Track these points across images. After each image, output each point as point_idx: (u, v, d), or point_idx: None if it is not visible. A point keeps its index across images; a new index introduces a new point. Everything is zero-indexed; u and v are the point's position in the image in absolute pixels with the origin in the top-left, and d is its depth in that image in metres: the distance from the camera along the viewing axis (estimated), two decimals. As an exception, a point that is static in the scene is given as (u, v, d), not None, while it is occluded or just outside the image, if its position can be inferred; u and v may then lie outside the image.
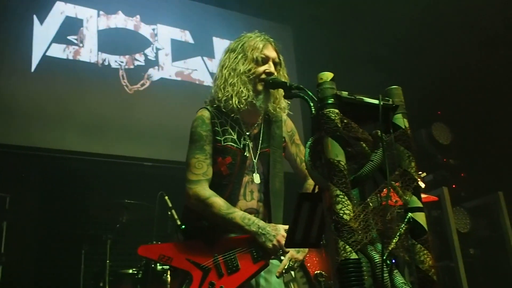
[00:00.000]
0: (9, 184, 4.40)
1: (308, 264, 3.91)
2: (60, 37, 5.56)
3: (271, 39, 2.48)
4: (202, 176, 2.31)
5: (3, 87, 5.05)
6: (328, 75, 1.53)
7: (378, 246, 1.49)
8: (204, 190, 2.29)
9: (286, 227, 2.21)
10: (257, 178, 2.40)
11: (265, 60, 2.39)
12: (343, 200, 1.38)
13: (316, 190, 1.67)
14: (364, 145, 1.57)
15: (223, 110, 2.39)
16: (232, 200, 2.33)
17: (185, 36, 6.34)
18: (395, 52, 6.15)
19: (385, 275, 1.40)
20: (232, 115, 2.38)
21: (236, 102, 2.32)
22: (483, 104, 5.66)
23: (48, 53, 5.43)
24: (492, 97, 5.64)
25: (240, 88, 2.34)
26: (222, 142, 2.37)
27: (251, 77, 2.36)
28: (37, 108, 5.14)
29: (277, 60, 2.43)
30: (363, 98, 1.58)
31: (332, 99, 1.49)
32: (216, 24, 6.46)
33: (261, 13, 6.42)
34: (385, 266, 1.40)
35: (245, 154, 2.40)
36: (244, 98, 2.33)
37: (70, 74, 5.48)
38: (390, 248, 1.44)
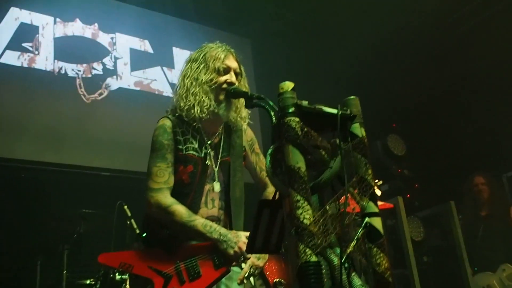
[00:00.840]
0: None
1: (267, 273, 3.92)
2: (15, 44, 5.41)
3: (232, 50, 2.53)
4: (164, 184, 2.33)
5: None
6: (289, 85, 1.58)
7: (336, 250, 1.55)
8: (166, 198, 2.31)
9: (247, 233, 2.25)
10: (217, 186, 2.44)
11: (227, 70, 2.43)
12: (304, 205, 1.43)
13: (277, 197, 1.73)
14: (323, 152, 1.63)
15: (185, 119, 2.41)
16: (193, 208, 2.35)
17: (145, 45, 6.31)
18: (352, 67, 6.32)
19: (343, 277, 1.45)
20: (194, 124, 2.41)
21: (198, 111, 2.35)
22: (436, 117, 5.89)
23: (1, 60, 5.28)
24: (444, 111, 5.87)
25: (202, 97, 2.37)
26: (184, 151, 2.39)
27: (213, 86, 2.39)
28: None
29: (238, 70, 2.48)
30: (322, 107, 1.64)
31: (293, 108, 1.54)
32: (176, 34, 6.46)
33: (221, 25, 6.49)
34: (343, 269, 1.45)
35: (206, 163, 2.42)
36: (206, 107, 2.36)
37: (25, 82, 5.34)
38: (348, 252, 1.49)
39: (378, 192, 2.41)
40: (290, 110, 1.53)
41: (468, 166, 5.52)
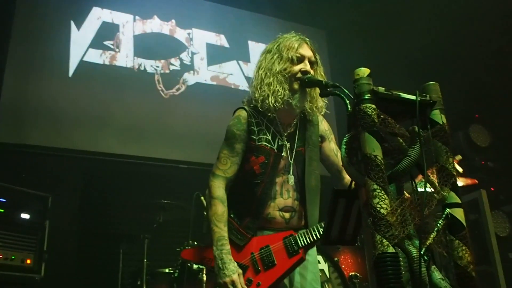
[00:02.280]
0: (51, 184, 4.54)
1: (343, 266, 3.90)
2: (97, 42, 5.67)
3: (307, 39, 2.49)
4: (223, 173, 2.39)
5: (42, 92, 5.19)
6: (364, 71, 1.54)
7: (415, 241, 1.48)
8: (218, 188, 2.37)
9: (241, 278, 2.21)
10: (291, 179, 2.42)
11: (301, 59, 2.40)
12: (380, 194, 1.38)
13: (352, 187, 1.70)
14: (401, 140, 1.57)
15: (260, 109, 2.42)
16: (264, 198, 2.37)
17: (221, 40, 6.40)
18: (430, 55, 6.06)
19: (422, 270, 1.39)
20: (269, 114, 2.41)
21: (273, 101, 2.35)
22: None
23: (85, 58, 5.55)
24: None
25: (276, 87, 2.36)
26: (257, 142, 2.40)
27: (286, 76, 2.37)
28: (76, 112, 5.26)
29: (313, 59, 2.44)
30: (400, 93, 1.59)
31: (369, 95, 1.50)
32: (251, 28, 6.52)
33: (296, 17, 6.44)
34: (422, 261, 1.39)
35: (282, 154, 2.42)
36: (280, 97, 2.34)
37: (107, 79, 5.60)
38: (427, 243, 1.43)
39: (460, 169, 2.26)
40: (366, 97, 1.49)
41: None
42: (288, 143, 2.45)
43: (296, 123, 2.50)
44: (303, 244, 2.32)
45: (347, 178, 2.54)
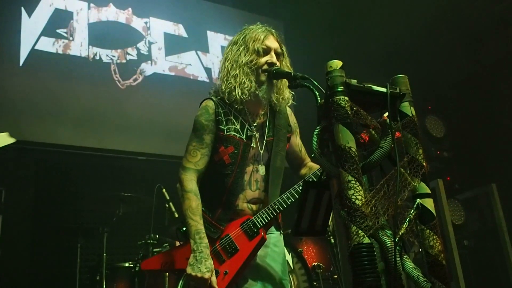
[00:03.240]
0: (4, 177, 4.38)
1: (306, 256, 3.93)
2: (49, 30, 5.45)
3: (273, 30, 2.49)
4: (194, 166, 2.36)
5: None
6: (337, 63, 1.54)
7: (387, 231, 1.50)
8: (190, 181, 2.34)
9: (213, 277, 2.20)
10: (262, 169, 2.43)
11: (267, 51, 2.39)
12: (355, 186, 1.39)
13: (323, 178, 1.70)
14: (373, 132, 1.59)
15: (227, 101, 2.40)
16: (235, 189, 2.37)
17: (179, 30, 6.29)
18: (386, 48, 6.18)
19: (397, 259, 1.41)
20: (237, 106, 2.39)
21: (239, 93, 2.34)
22: (475, 96, 5.72)
23: (37, 47, 5.33)
24: (484, 90, 5.70)
25: (243, 79, 2.35)
26: (225, 132, 2.39)
27: (253, 68, 2.36)
28: (28, 103, 5.07)
29: (279, 50, 2.44)
30: (372, 86, 1.60)
31: (342, 87, 1.50)
32: (210, 18, 6.43)
33: (255, 8, 6.41)
34: (397, 251, 1.41)
35: (251, 144, 2.41)
36: (247, 89, 2.34)
37: (60, 68, 5.39)
38: (400, 233, 1.45)
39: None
40: (339, 89, 1.50)
41: (511, 147, 5.36)
42: (257, 133, 2.45)
43: (264, 113, 2.50)
44: (261, 224, 2.33)
45: (303, 172, 2.61)
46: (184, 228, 2.44)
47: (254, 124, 2.45)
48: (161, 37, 6.15)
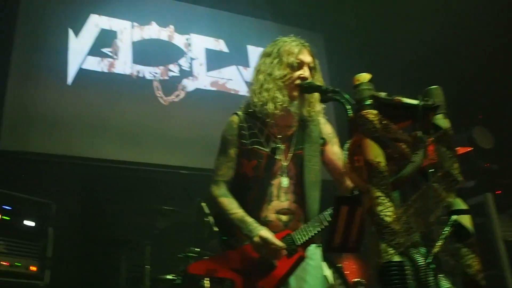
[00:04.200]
0: (53, 191, 4.52)
1: (347, 272, 3.86)
2: (95, 50, 5.63)
3: (306, 44, 2.48)
4: (220, 177, 2.43)
5: (42, 100, 5.16)
6: (365, 76, 1.51)
7: (421, 249, 1.45)
8: (218, 190, 2.40)
9: (268, 234, 2.25)
10: (284, 182, 2.40)
11: (300, 65, 2.39)
12: (384, 202, 1.35)
13: (355, 193, 1.67)
14: (404, 146, 1.54)
15: (258, 115, 2.41)
16: (258, 202, 2.37)
17: (219, 45, 6.36)
18: (430, 56, 6.02)
19: (430, 278, 1.35)
20: (267, 120, 2.40)
21: (272, 107, 2.34)
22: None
23: (83, 66, 5.50)
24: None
25: (276, 93, 2.35)
26: (248, 145, 2.41)
27: (286, 82, 2.36)
28: (76, 120, 5.23)
29: (312, 64, 2.42)
30: (402, 98, 1.56)
31: (370, 100, 1.47)
32: (249, 33, 6.48)
33: (294, 21, 6.42)
34: (429, 269, 1.36)
35: (276, 157, 2.41)
36: (279, 103, 2.34)
37: (106, 86, 5.55)
38: (434, 251, 1.40)
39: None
40: (367, 102, 1.47)
41: None
42: (283, 145, 2.44)
43: (295, 125, 2.49)
44: (300, 241, 2.29)
45: (348, 183, 2.51)
46: (225, 237, 2.48)
47: (280, 137, 2.45)
48: (203, 53, 6.23)
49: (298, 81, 2.35)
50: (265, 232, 2.23)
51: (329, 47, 6.69)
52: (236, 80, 6.27)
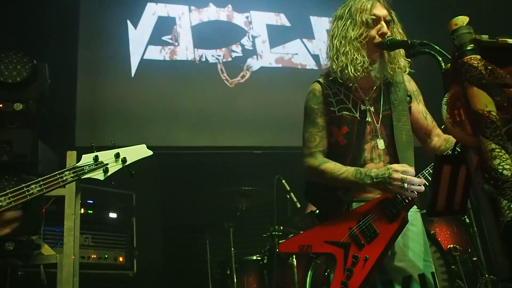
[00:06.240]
0: (133, 182, 4.62)
1: (440, 239, 3.69)
2: (155, 39, 5.65)
3: None
4: (315, 148, 2.33)
5: (110, 94, 5.30)
6: (463, 19, 1.37)
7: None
8: (315, 160, 2.31)
9: (398, 165, 2.12)
10: (381, 143, 2.30)
11: (376, 21, 2.25)
12: (501, 154, 1.22)
13: (457, 151, 1.54)
14: (514, 92, 1.39)
15: (340, 80, 2.30)
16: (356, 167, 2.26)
17: (281, 19, 6.22)
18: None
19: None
20: (350, 84, 2.29)
21: (352, 70, 2.22)
22: None
23: (145, 56, 5.54)
24: None
25: (354, 55, 2.23)
26: (337, 112, 2.31)
27: (363, 42, 2.24)
28: (145, 111, 5.32)
29: (388, 17, 2.28)
30: (507, 39, 1.40)
31: (472, 45, 1.33)
32: (311, 2, 6.24)
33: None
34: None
35: (367, 119, 2.31)
36: (360, 65, 2.22)
37: (170, 74, 5.58)
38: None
39: None
40: (469, 47, 1.33)
41: None
42: (372, 107, 2.33)
43: (379, 86, 2.36)
44: (402, 205, 2.14)
45: (435, 142, 2.39)
46: (317, 211, 2.41)
47: (367, 99, 2.34)
48: (264, 30, 6.12)
49: (377, 39, 2.22)
50: (394, 165, 2.12)
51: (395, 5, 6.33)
52: (301, 54, 6.10)
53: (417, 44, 1.89)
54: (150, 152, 2.21)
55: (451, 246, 3.71)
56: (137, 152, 2.19)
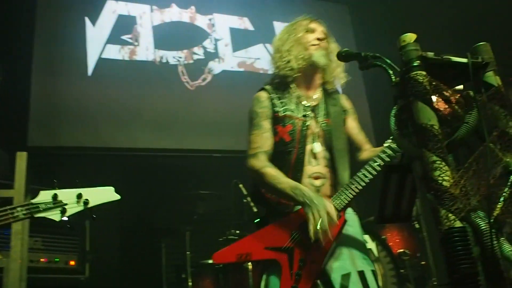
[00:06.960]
0: (88, 184, 4.54)
1: (391, 244, 3.81)
2: (114, 38, 5.48)
3: (317, 18, 2.62)
4: (257, 149, 2.38)
5: (63, 92, 5.07)
6: (411, 37, 1.45)
7: (480, 213, 1.39)
8: (258, 161, 2.34)
9: (329, 204, 2.17)
10: (317, 147, 2.41)
11: (313, 30, 2.54)
12: (441, 166, 1.30)
13: (404, 161, 1.61)
14: (456, 107, 1.47)
15: (285, 81, 2.50)
16: (299, 165, 2.37)
17: (244, 23, 6.21)
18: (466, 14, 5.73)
19: (493, 242, 1.30)
20: (291, 87, 2.50)
21: (296, 64, 2.45)
22: None
23: (103, 55, 5.38)
24: None
25: (297, 50, 2.47)
26: (281, 112, 2.44)
27: (304, 41, 2.50)
28: (102, 111, 5.17)
29: (325, 32, 2.56)
30: (450, 57, 1.49)
31: (418, 61, 1.41)
32: (275, 8, 6.27)
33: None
34: (492, 233, 1.30)
35: (306, 123, 2.44)
36: (301, 57, 2.45)
37: (129, 75, 5.42)
38: (494, 214, 1.33)
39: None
40: (415, 63, 1.41)
41: None
42: (313, 114, 2.48)
43: (318, 97, 2.54)
44: (341, 206, 2.22)
45: (364, 155, 2.51)
46: (256, 220, 2.44)
47: (308, 105, 2.49)
48: (227, 33, 6.08)
49: (315, 42, 2.48)
50: (328, 204, 2.17)
51: (355, 18, 6.52)
52: (264, 58, 6.03)
53: (370, 57, 1.96)
54: (118, 197, 2.03)
55: (401, 250, 3.83)
56: (102, 195, 1.98)
